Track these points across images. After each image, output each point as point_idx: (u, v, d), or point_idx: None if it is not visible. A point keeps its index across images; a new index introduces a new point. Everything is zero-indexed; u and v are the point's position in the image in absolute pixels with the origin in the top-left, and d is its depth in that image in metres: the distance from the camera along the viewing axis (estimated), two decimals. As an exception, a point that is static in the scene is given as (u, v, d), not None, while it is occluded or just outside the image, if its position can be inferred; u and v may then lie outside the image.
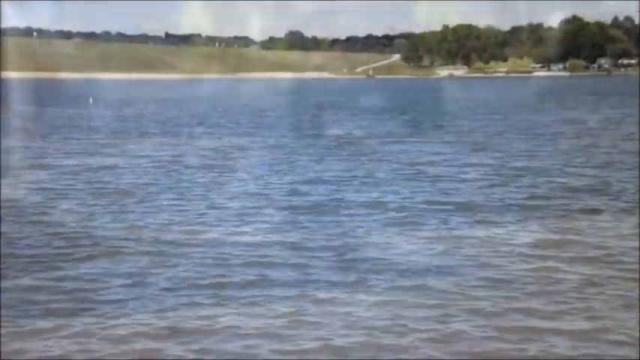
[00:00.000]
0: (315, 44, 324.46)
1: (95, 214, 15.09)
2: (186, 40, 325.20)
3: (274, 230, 13.58)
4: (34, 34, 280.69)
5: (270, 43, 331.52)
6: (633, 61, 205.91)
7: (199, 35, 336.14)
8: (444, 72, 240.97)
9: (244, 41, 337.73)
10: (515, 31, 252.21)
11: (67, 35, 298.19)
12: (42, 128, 36.91)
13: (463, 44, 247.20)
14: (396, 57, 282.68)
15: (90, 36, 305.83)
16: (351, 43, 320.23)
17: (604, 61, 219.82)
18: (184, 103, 66.94)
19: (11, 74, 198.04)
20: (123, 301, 9.63)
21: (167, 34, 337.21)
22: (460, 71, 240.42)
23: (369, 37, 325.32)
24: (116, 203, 16.24)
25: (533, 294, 9.88)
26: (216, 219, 14.56)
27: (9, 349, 8.01)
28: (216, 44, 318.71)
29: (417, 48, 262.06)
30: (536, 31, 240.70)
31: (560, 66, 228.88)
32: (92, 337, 8.42)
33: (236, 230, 13.64)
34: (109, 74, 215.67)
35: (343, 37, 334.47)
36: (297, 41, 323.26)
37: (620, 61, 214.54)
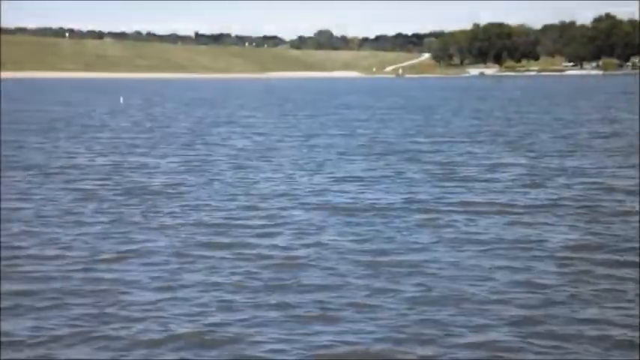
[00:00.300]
0: (344, 43, 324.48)
1: (126, 213, 14.95)
2: (217, 39, 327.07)
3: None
4: (66, 34, 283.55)
5: (299, 42, 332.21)
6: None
7: (229, 35, 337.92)
8: (474, 71, 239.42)
9: (274, 41, 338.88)
10: (547, 29, 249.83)
11: (99, 35, 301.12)
12: (72, 128, 37.02)
13: (494, 43, 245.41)
14: (426, 56, 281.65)
15: (121, 36, 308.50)
16: (381, 42, 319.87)
17: (638, 60, 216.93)
18: (215, 102, 67.04)
19: (42, 73, 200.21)
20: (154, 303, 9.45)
21: (197, 34, 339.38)
22: (491, 70, 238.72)
23: (399, 35, 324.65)
24: (147, 203, 16.07)
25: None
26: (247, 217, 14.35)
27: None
28: (246, 44, 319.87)
29: (447, 47, 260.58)
30: (568, 30, 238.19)
31: (593, 64, 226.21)
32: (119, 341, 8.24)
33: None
34: (139, 74, 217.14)
35: (372, 36, 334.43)
36: (326, 40, 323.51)
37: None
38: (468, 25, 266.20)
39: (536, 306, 9.33)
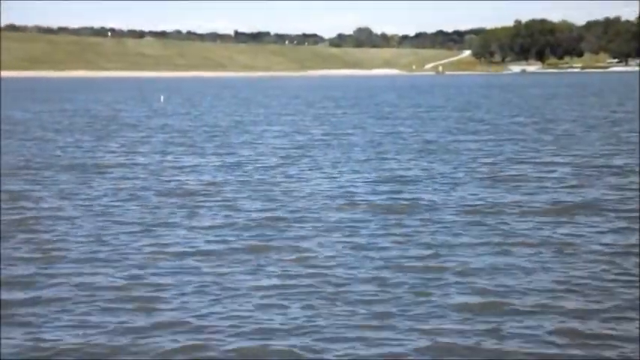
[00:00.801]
0: (384, 41, 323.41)
1: (167, 213, 14.70)
2: (256, 38, 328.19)
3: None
4: (109, 34, 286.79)
5: (338, 40, 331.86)
6: None
7: (268, 33, 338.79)
8: (516, 68, 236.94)
9: (313, 39, 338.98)
10: (591, 25, 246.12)
11: (139, 34, 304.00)
12: (112, 127, 37.08)
13: (536, 39, 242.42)
14: (467, 53, 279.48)
15: (161, 35, 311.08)
16: (421, 40, 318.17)
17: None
18: (255, 100, 66.99)
19: (83, 73, 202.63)
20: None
21: (237, 32, 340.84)
22: (533, 67, 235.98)
23: (439, 33, 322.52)
24: (189, 203, 15.81)
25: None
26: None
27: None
28: (286, 42, 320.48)
29: (488, 44, 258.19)
30: (612, 26, 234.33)
31: (638, 61, 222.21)
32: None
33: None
34: (179, 73, 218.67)
35: (412, 34, 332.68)
36: (365, 38, 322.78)
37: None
38: (509, 22, 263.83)
39: (588, 312, 8.86)
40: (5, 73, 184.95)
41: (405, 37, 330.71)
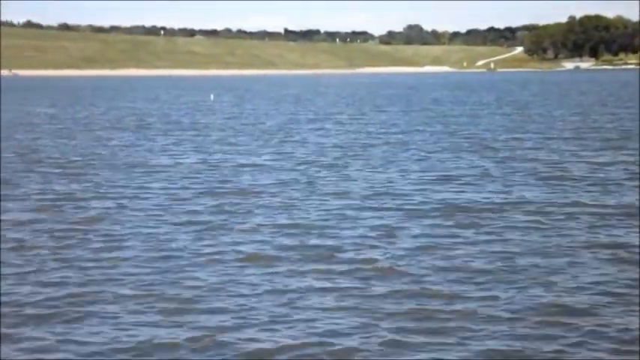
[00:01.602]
0: (434, 38, 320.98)
1: (219, 213, 14.38)
2: (305, 35, 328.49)
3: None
4: (161, 32, 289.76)
5: (388, 37, 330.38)
6: None
7: (318, 31, 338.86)
8: (569, 64, 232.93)
9: (363, 36, 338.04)
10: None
11: (190, 33, 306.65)
12: (163, 125, 37.07)
13: (590, 35, 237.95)
14: (519, 50, 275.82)
15: (211, 33, 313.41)
16: (472, 36, 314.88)
17: None
18: (306, 98, 66.69)
19: (135, 71, 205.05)
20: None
21: (286, 30, 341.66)
22: (587, 64, 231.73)
23: (491, 29, 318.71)
24: (240, 203, 15.47)
25: None
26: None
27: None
28: (337, 40, 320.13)
29: (540, 40, 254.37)
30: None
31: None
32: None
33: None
34: (229, 71, 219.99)
35: (464, 30, 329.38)
36: (416, 35, 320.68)
37: None
38: (562, 18, 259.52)
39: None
40: (60, 72, 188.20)
41: (455, 34, 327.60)
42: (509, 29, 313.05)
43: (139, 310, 9.01)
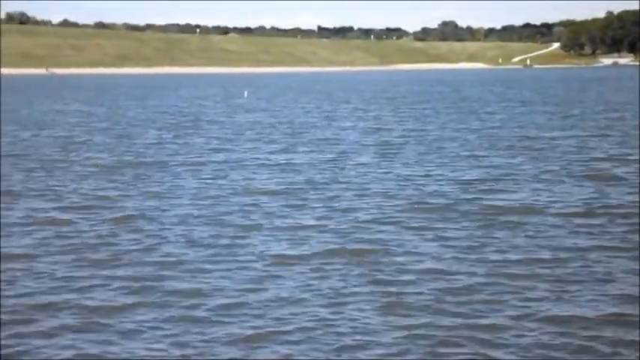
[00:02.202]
0: (469, 34, 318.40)
1: (263, 213, 14.00)
2: (339, 32, 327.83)
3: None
4: (197, 30, 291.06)
5: (423, 34, 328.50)
6: None
7: (352, 28, 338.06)
8: (607, 60, 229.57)
9: (397, 33, 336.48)
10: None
11: (224, 30, 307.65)
12: (198, 123, 36.83)
13: (629, 31, 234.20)
14: (555, 46, 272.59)
15: (245, 31, 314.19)
16: (508, 33, 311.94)
17: None
18: (339, 96, 66.21)
19: (169, 69, 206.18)
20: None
21: (320, 28, 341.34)
22: (625, 59, 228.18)
23: (527, 25, 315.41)
24: (277, 202, 15.04)
25: None
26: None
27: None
28: (372, 37, 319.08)
29: (577, 36, 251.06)
30: None
31: None
32: None
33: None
34: (263, 68, 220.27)
35: (499, 27, 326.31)
36: (450, 31, 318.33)
37: None
38: (600, 14, 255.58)
39: None
40: (96, 70, 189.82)
41: (491, 30, 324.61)
42: (545, 25, 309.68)
43: (187, 307, 8.75)
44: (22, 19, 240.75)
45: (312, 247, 11.54)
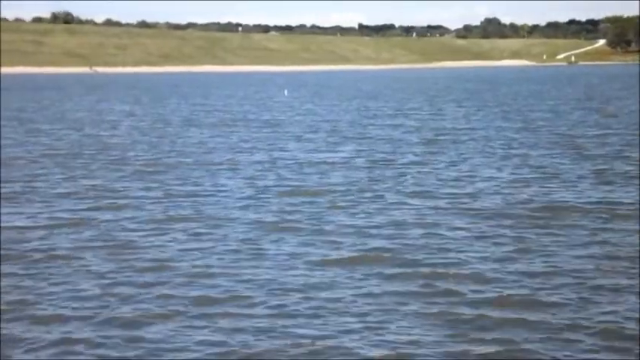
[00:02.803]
0: (512, 31, 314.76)
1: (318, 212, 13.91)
2: (380, 30, 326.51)
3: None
4: (240, 29, 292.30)
5: (465, 32, 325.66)
6: None
7: (393, 25, 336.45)
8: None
9: (439, 30, 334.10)
10: None
11: (265, 29, 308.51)
12: (237, 122, 36.82)
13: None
14: (601, 42, 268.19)
15: (286, 29, 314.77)
16: (552, 29, 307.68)
17: None
18: (380, 93, 65.82)
19: (210, 67, 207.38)
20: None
21: (360, 25, 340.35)
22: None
23: (572, 22, 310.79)
24: (320, 202, 14.91)
25: None
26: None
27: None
28: (414, 34, 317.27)
29: (624, 32, 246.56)
30: None
31: None
32: None
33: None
34: (304, 66, 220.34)
35: (543, 23, 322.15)
36: (493, 28, 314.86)
37: None
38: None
39: None
40: (138, 69, 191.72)
41: (535, 27, 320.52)
42: (591, 22, 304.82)
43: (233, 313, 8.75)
44: (67, 19, 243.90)
45: (348, 248, 11.36)
